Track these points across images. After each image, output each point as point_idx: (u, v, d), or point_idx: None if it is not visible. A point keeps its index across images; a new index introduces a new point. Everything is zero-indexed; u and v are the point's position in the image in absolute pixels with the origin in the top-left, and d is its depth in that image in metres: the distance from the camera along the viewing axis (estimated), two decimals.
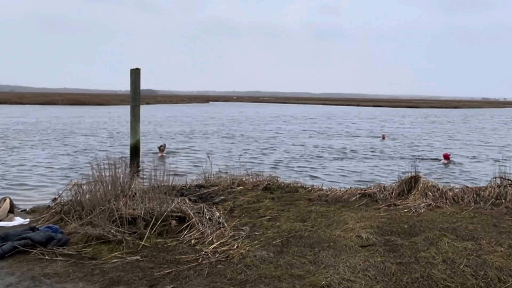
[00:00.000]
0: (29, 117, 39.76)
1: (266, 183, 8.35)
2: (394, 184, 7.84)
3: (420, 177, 7.60)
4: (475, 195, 7.23)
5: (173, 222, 5.83)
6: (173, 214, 5.91)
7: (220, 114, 53.39)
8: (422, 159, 18.18)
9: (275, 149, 20.80)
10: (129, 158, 13.52)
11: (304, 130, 32.34)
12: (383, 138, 26.28)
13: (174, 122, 38.51)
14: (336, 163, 16.85)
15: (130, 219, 5.71)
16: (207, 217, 5.92)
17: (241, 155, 18.22)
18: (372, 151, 20.62)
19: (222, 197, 7.45)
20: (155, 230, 5.57)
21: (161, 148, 17.68)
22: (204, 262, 4.72)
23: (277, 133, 29.75)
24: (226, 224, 5.88)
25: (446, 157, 17.61)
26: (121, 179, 6.64)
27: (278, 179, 8.84)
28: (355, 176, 13.94)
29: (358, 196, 7.43)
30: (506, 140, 27.45)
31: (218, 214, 6.15)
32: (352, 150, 21.00)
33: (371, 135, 29.29)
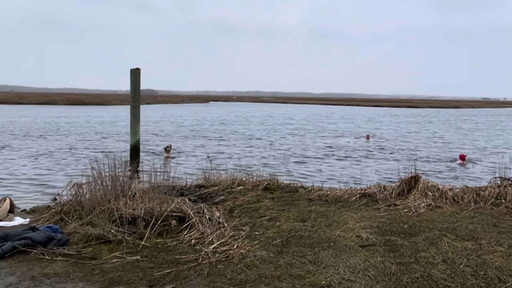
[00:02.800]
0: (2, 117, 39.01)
1: (266, 183, 8.35)
2: (394, 184, 7.84)
3: (420, 177, 7.60)
4: (475, 195, 7.23)
5: (173, 222, 5.83)
6: (173, 214, 5.91)
7: (207, 114, 52.30)
8: (432, 159, 18.13)
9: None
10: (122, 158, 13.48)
11: (284, 130, 31.89)
12: (368, 138, 26.00)
13: (149, 122, 37.11)
14: (302, 165, 16.46)
15: (130, 219, 5.71)
16: (207, 217, 5.92)
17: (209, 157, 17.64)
18: (358, 151, 20.40)
19: (222, 197, 7.45)
20: (155, 230, 5.58)
21: (167, 149, 17.62)
22: (204, 262, 4.72)
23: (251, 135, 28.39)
24: (226, 224, 5.88)
25: (462, 157, 17.47)
26: (121, 179, 6.64)
27: (278, 179, 8.84)
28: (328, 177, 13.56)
29: (358, 196, 7.43)
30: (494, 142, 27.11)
31: (218, 214, 6.15)
32: (335, 150, 20.75)
33: (355, 135, 28.94)
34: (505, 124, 45.76)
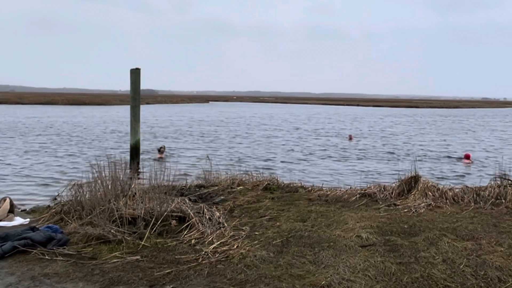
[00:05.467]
0: None
1: (266, 183, 8.35)
2: (394, 184, 7.85)
3: (420, 177, 7.61)
4: (475, 195, 7.23)
5: (173, 222, 5.83)
6: (173, 214, 5.91)
7: (194, 115, 51.13)
8: (431, 159, 18.03)
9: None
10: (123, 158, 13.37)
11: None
12: (350, 138, 25.69)
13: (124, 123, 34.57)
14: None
15: (130, 219, 5.71)
16: (207, 217, 5.92)
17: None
18: (342, 151, 20.12)
19: (222, 197, 7.45)
20: (155, 230, 5.58)
21: (161, 150, 17.59)
22: (204, 262, 4.72)
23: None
24: (226, 224, 5.88)
25: (467, 157, 17.30)
26: (121, 179, 6.64)
27: (278, 179, 8.84)
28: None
29: (358, 196, 7.43)
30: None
31: (218, 214, 6.15)
32: (315, 151, 20.42)
33: (338, 135, 28.51)
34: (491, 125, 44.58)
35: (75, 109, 60.85)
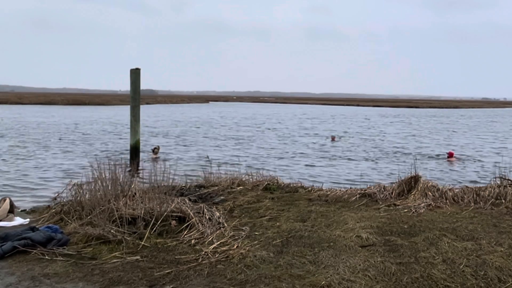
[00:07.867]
0: None
1: (266, 183, 8.35)
2: (394, 184, 7.85)
3: (420, 177, 7.61)
4: (475, 195, 7.23)
5: (173, 222, 5.83)
6: (173, 214, 5.91)
7: (181, 115, 50.58)
8: (425, 157, 18.03)
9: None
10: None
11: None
12: (333, 139, 25.43)
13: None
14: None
15: (130, 219, 5.71)
16: (207, 217, 5.92)
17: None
18: (324, 152, 19.96)
19: (222, 197, 7.45)
20: (155, 230, 5.58)
21: (155, 151, 17.56)
22: (204, 262, 4.72)
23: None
24: (226, 224, 5.88)
25: (451, 155, 17.42)
26: (121, 179, 6.64)
27: (278, 179, 8.84)
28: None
29: (358, 196, 7.43)
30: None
31: (218, 214, 6.15)
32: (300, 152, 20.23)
33: (320, 135, 28.28)
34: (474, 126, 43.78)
35: (63, 109, 60.28)
